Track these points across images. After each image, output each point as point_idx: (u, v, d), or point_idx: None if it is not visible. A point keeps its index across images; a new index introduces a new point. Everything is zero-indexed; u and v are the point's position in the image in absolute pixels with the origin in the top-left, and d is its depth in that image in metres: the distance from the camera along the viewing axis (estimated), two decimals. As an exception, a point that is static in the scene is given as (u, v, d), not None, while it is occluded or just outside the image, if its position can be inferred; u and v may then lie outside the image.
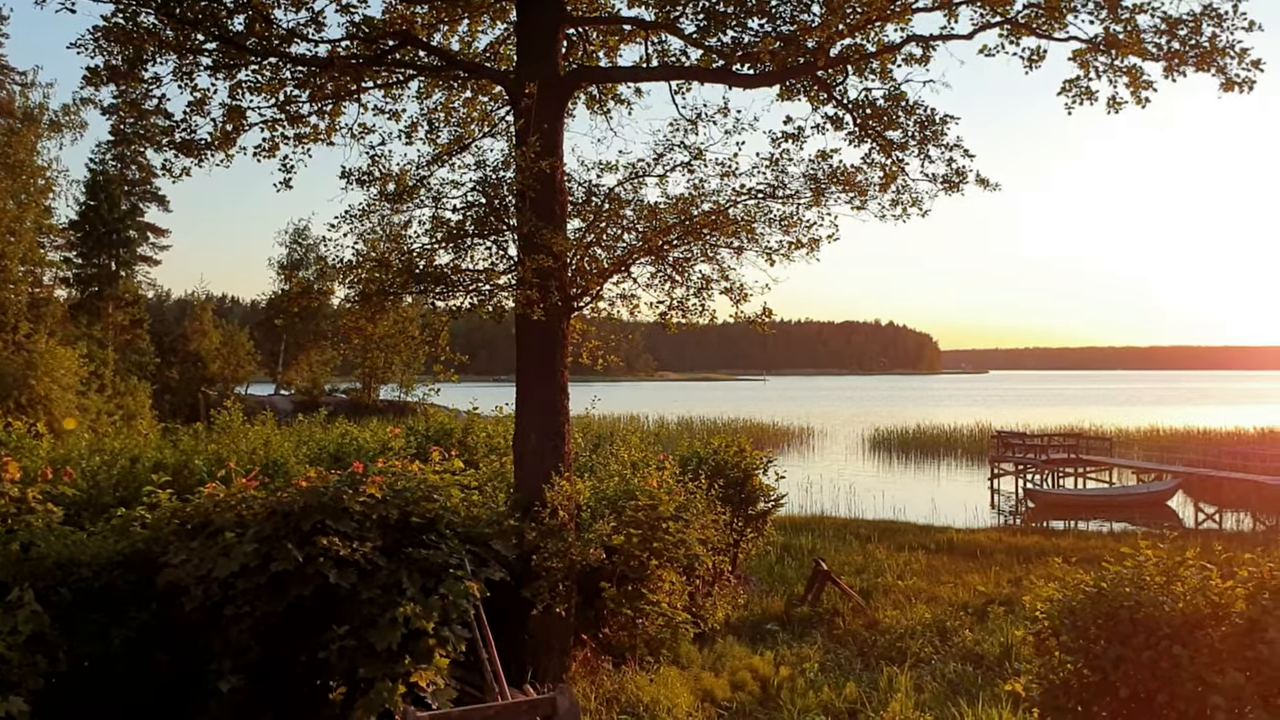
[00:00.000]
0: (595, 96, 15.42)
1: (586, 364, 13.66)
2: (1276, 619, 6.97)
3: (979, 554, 22.68)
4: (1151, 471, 41.73)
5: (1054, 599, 7.75)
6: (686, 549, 12.54)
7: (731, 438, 18.51)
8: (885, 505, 34.49)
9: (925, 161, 13.95)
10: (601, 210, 12.79)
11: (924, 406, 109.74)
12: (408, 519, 10.20)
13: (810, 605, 16.26)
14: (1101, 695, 7.24)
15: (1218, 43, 12.31)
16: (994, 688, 11.56)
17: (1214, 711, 6.72)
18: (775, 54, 12.24)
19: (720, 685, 12.07)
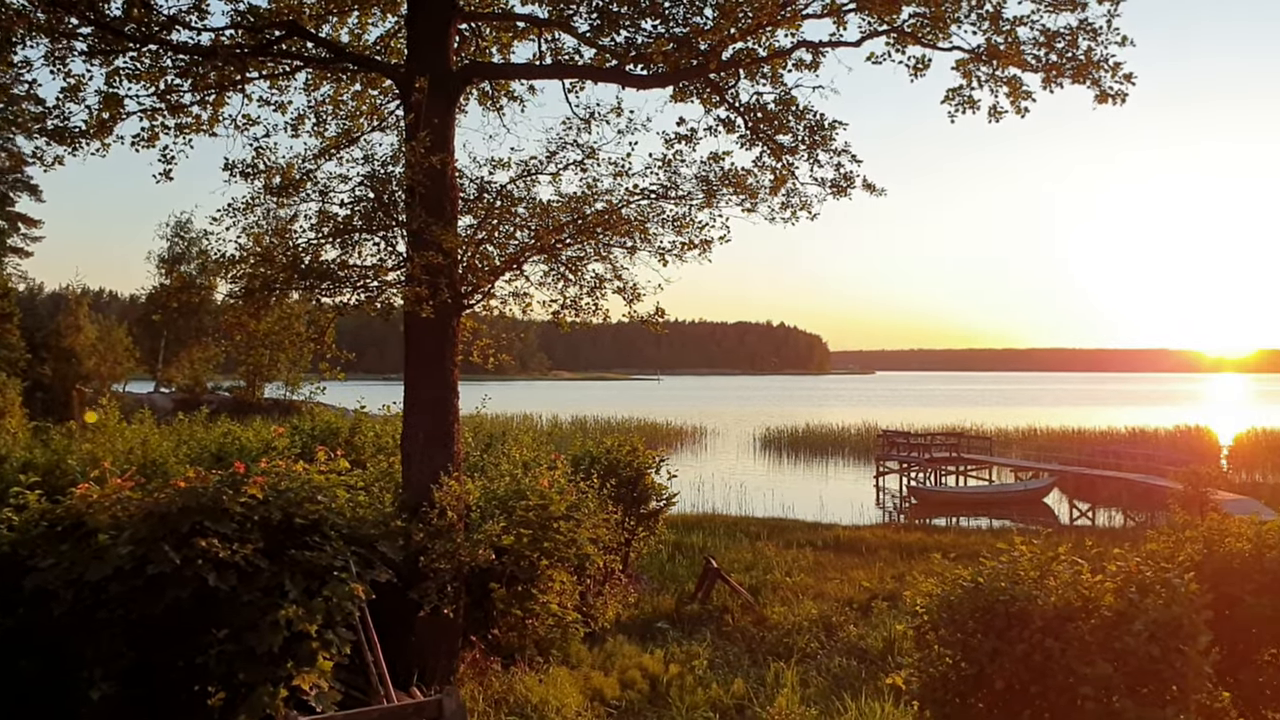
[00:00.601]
0: (488, 92, 15.31)
1: (478, 363, 13.54)
2: (1143, 611, 7.27)
3: (864, 550, 23.16)
4: (1029, 470, 43.14)
5: (933, 594, 7.93)
6: (577, 549, 12.53)
7: (624, 437, 18.57)
8: (775, 503, 34.95)
9: (814, 166, 14.18)
10: (493, 207, 12.68)
11: (813, 406, 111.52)
12: (291, 520, 9.99)
13: (700, 603, 16.41)
14: (978, 687, 7.44)
15: (1093, 56, 12.79)
16: (877, 681, 11.81)
17: (1084, 701, 6.97)
18: (668, 55, 12.32)
19: (610, 684, 12.09)
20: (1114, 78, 12.75)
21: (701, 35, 12.47)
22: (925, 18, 12.72)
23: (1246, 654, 8.80)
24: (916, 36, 12.96)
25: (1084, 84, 12.90)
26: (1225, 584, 8.66)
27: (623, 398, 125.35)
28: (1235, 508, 25.71)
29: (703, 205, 13.13)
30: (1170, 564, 8.25)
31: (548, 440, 21.72)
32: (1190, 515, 10.38)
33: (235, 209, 11.97)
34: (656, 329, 13.60)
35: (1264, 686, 8.84)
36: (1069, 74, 12.82)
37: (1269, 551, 8.88)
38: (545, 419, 65.38)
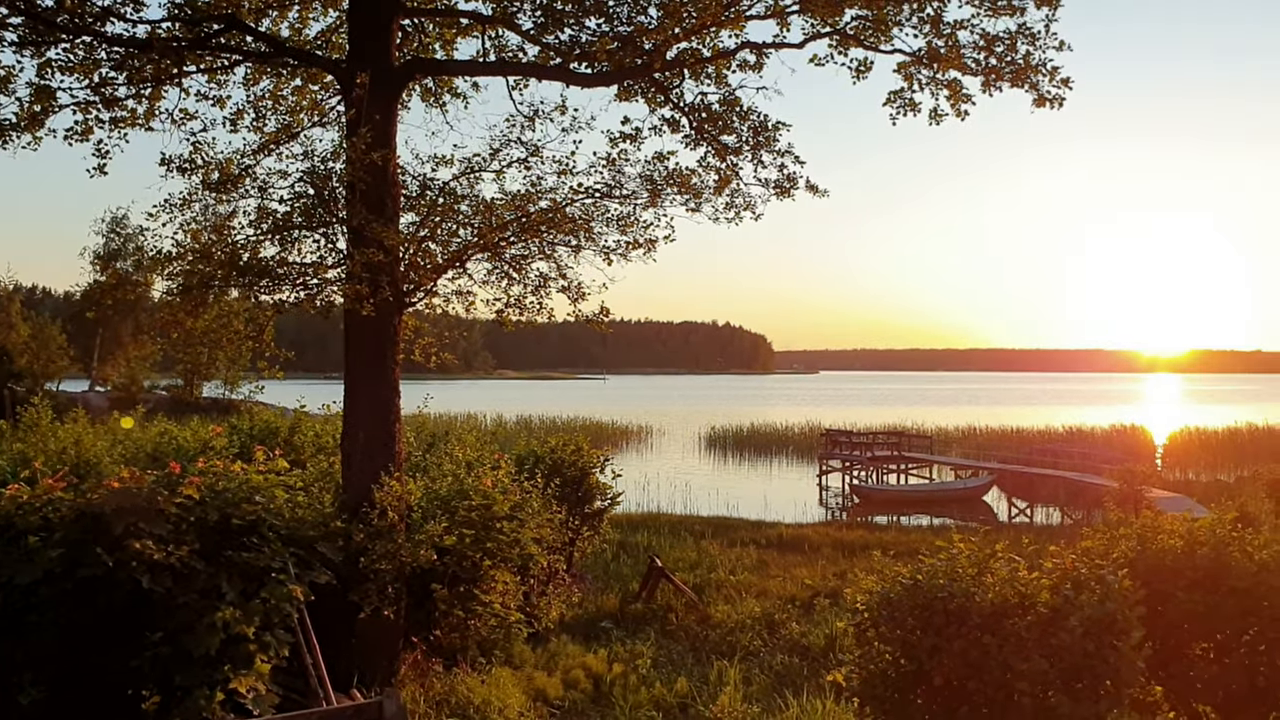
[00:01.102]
0: (431, 89, 15.16)
1: (420, 361, 13.41)
2: (1078, 608, 7.39)
3: (807, 548, 23.35)
4: (968, 469, 43.78)
5: (873, 591, 8.00)
6: (521, 549, 12.47)
7: (569, 436, 18.53)
8: (719, 502, 35.12)
9: (758, 166, 14.20)
10: (436, 204, 12.57)
11: (758, 405, 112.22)
12: (228, 521, 9.85)
13: (644, 602, 16.41)
14: (917, 684, 7.52)
15: (1031, 60, 12.95)
16: (819, 678, 11.90)
17: (1020, 697, 7.07)
18: (612, 54, 12.30)
19: (553, 684, 12.06)
20: (1052, 81, 12.93)
21: (646, 34, 12.46)
22: (867, 20, 12.81)
23: (1178, 648, 8.99)
24: (859, 39, 13.06)
25: (1023, 88, 13.06)
26: (1158, 580, 8.83)
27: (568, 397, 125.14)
28: (1169, 505, 26.25)
29: (647, 205, 13.11)
30: (1105, 561, 8.39)
31: (491, 440, 21.61)
32: (1125, 513, 10.56)
33: (172, 205, 11.73)
34: (601, 328, 13.56)
35: (1195, 680, 9.03)
36: (1008, 77, 12.98)
37: (1200, 548, 9.07)
38: (489, 418, 65.09)
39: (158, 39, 12.41)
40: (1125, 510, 20.00)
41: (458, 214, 12.41)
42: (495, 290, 12.99)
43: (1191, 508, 26.30)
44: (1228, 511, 10.04)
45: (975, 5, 12.57)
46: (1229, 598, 8.79)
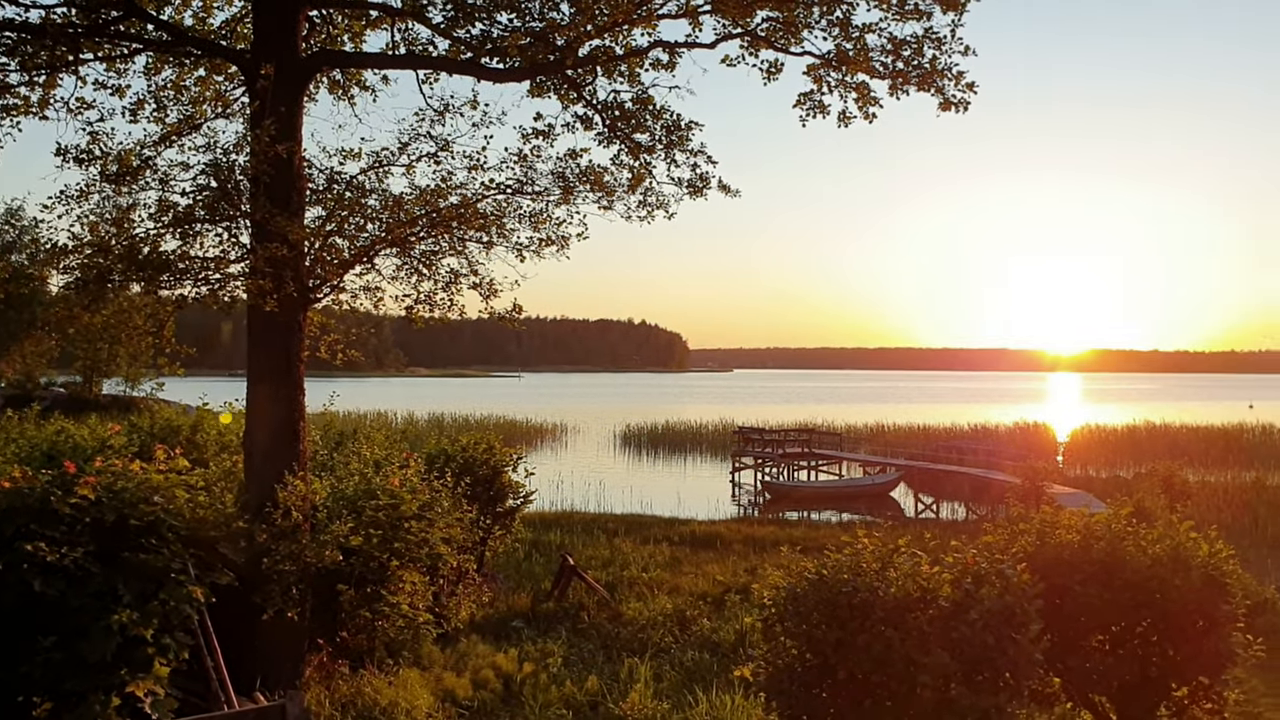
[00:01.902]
0: (339, 81, 14.89)
1: (326, 358, 13.18)
2: (978, 601, 7.54)
3: (719, 545, 23.51)
4: (877, 465, 44.50)
5: (780, 587, 8.07)
6: (430, 548, 12.34)
7: (481, 435, 18.39)
8: (634, 500, 35.17)
9: (672, 165, 14.23)
10: (343, 199, 12.36)
11: (673, 403, 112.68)
12: (125, 522, 9.57)
13: (557, 600, 16.36)
14: (823, 678, 7.60)
15: (938, 65, 13.16)
16: (728, 674, 11.97)
17: (922, 690, 7.19)
18: (524, 50, 12.21)
19: (462, 684, 11.96)
20: (957, 86, 13.15)
21: (558, 31, 12.39)
22: (778, 22, 12.90)
23: (1075, 640, 9.23)
24: (769, 40, 13.14)
25: (929, 91, 13.26)
26: (1056, 574, 9.06)
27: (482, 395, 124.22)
28: (1069, 501, 27.01)
29: (560, 201, 13.07)
30: (1005, 555, 8.59)
31: (402, 439, 21.35)
32: (1026, 509, 10.81)
33: (69, 196, 11.38)
34: (514, 326, 13.48)
35: (1091, 671, 9.29)
36: (915, 81, 13.17)
37: (1096, 543, 9.34)
38: (400, 416, 64.33)
39: (52, 24, 12.01)
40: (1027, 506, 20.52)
41: (365, 209, 12.23)
42: (405, 286, 12.85)
43: (1091, 503, 27.12)
44: (1123, 507, 10.34)
45: (883, 9, 12.73)
46: (1123, 591, 9.07)
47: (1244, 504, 29.68)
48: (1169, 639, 9.14)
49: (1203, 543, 9.54)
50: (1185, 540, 9.42)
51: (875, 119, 13.77)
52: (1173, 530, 9.68)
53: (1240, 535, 25.60)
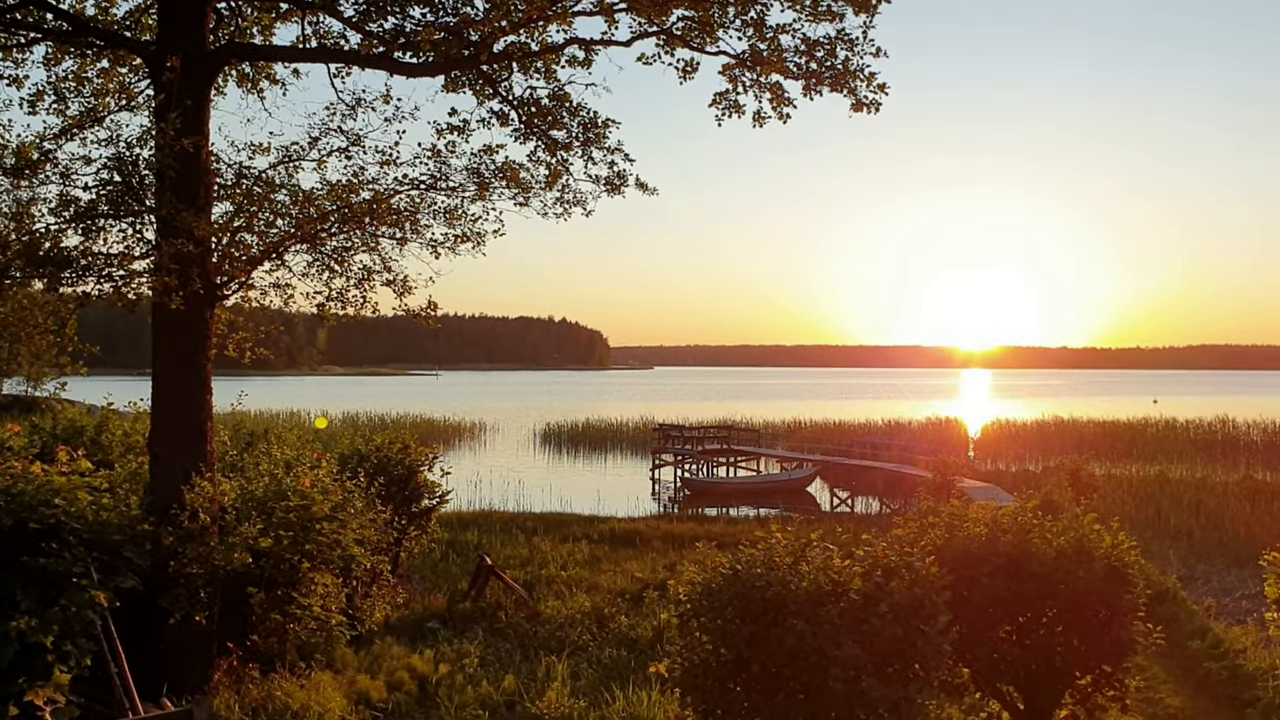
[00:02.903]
0: (248, 74, 14.57)
1: (234, 356, 12.91)
2: (888, 594, 7.65)
3: (639, 542, 23.54)
4: (794, 461, 44.98)
5: (695, 582, 8.10)
6: (342, 550, 12.15)
7: (396, 434, 18.17)
8: (553, 498, 35.06)
9: (589, 163, 14.20)
10: (252, 194, 12.13)
11: (593, 401, 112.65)
12: (24, 525, 9.34)
13: (474, 601, 16.24)
14: (737, 672, 7.64)
15: (850, 66, 13.32)
16: (646, 670, 11.98)
17: (834, 682, 7.26)
18: (437, 45, 12.07)
19: (377, 686, 11.81)
20: (869, 87, 13.32)
21: (472, 26, 12.28)
22: (693, 21, 12.95)
23: (984, 631, 9.42)
24: (685, 40, 13.18)
25: (842, 92, 13.41)
26: (964, 566, 9.24)
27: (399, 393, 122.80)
28: (980, 494, 27.61)
29: (475, 198, 12.97)
30: (914, 548, 8.72)
31: (314, 438, 21.00)
32: (936, 502, 11.02)
33: (-38, 190, 10.98)
34: (429, 323, 13.36)
35: (999, 662, 9.49)
36: (828, 82, 13.31)
37: (1003, 535, 9.55)
38: (314, 416, 63.26)
39: (-58, 11, 11.56)
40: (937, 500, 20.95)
41: (275, 204, 12.01)
42: (316, 283, 12.66)
43: (1000, 497, 27.75)
44: (1030, 500, 10.59)
45: (797, 10, 12.85)
46: (1029, 582, 9.28)
47: (1147, 496, 30.57)
48: (1073, 629, 9.38)
49: (1105, 535, 9.82)
50: (1089, 532, 9.68)
51: (790, 119, 13.91)
52: (1077, 523, 9.94)
53: (1144, 527, 26.40)
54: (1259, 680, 12.18)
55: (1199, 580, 20.90)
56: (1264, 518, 26.31)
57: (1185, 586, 18.52)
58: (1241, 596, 19.07)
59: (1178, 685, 12.81)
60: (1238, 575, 21.08)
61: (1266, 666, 12.57)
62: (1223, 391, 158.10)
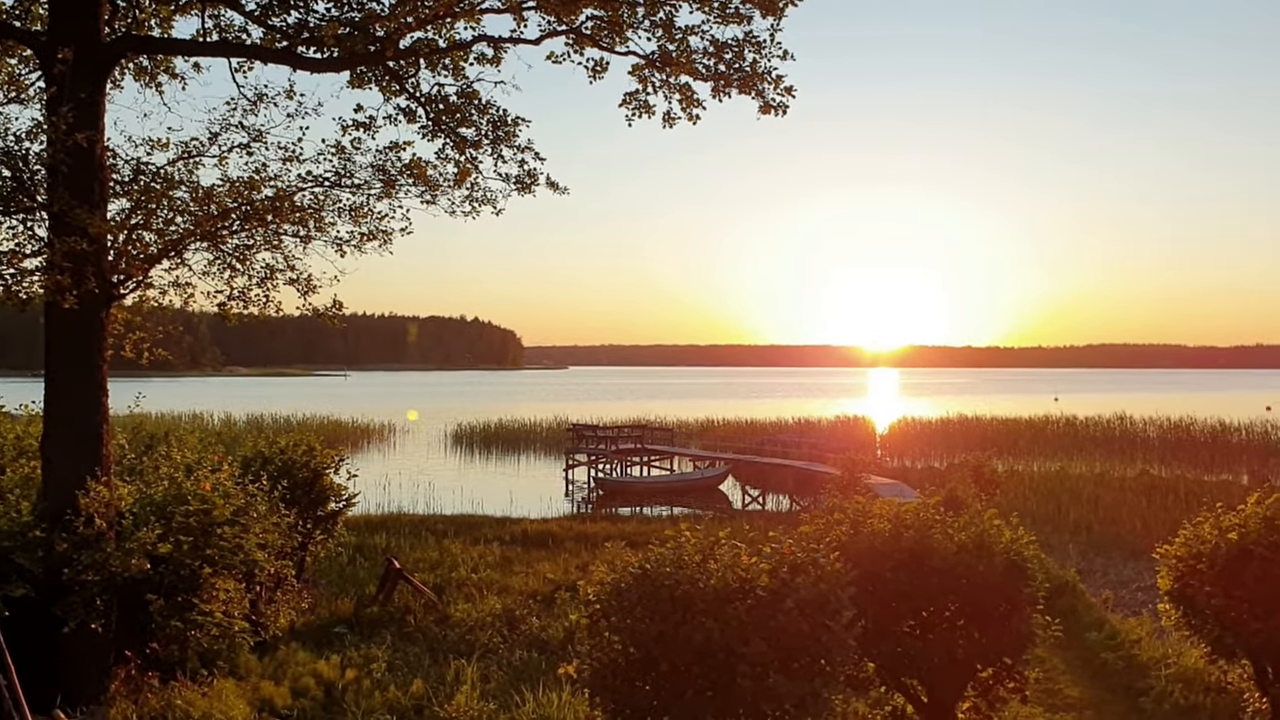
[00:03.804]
0: (145, 68, 14.16)
1: (130, 357, 12.55)
2: (794, 590, 7.75)
3: (551, 543, 23.46)
4: (706, 459, 45.31)
5: (605, 582, 8.11)
6: (245, 555, 11.91)
7: (300, 436, 17.85)
8: (464, 500, 34.77)
9: (499, 161, 14.12)
10: (150, 190, 11.81)
11: (506, 401, 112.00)
12: (-95, 534, 8.90)
13: (382, 605, 16.03)
14: (646, 671, 7.67)
15: (758, 68, 13.45)
16: (557, 672, 11.95)
17: (742, 679, 7.33)
18: (342, 40, 11.88)
19: (281, 693, 11.60)
20: (776, 90, 13.46)
21: (378, 22, 12.11)
22: (603, 21, 12.95)
23: (888, 625, 9.60)
24: (594, 39, 13.17)
25: (750, 94, 13.53)
26: (868, 562, 9.40)
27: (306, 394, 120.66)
28: (886, 491, 28.07)
29: (381, 195, 12.81)
30: (820, 545, 8.86)
31: (217, 441, 20.53)
32: (844, 499, 11.18)
33: None
34: (334, 323, 13.17)
35: (903, 656, 9.68)
36: (736, 84, 13.42)
37: (906, 531, 9.73)
38: (218, 418, 61.86)
39: None
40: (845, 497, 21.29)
41: (173, 201, 11.71)
42: (217, 282, 12.38)
43: (906, 493, 28.30)
44: (933, 496, 10.83)
45: (705, 12, 12.93)
46: (931, 577, 9.48)
47: (1048, 492, 31.43)
48: (974, 622, 9.61)
49: (1005, 530, 10.08)
50: (989, 527, 9.92)
51: (699, 120, 13.99)
52: (977, 518, 10.18)
53: (1044, 522, 27.14)
54: (1152, 670, 12.61)
55: (1097, 573, 21.56)
56: (1159, 512, 27.22)
57: (1084, 579, 19.08)
58: (1137, 589, 19.71)
59: (1076, 676, 13.18)
60: (1134, 568, 21.79)
61: (1160, 656, 13.02)
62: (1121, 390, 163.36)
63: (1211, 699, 11.46)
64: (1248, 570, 10.28)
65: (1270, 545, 10.31)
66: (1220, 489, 28.45)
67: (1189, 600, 11.07)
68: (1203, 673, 11.99)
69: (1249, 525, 10.65)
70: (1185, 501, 26.85)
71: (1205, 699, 11.50)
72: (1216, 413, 66.60)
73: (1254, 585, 10.19)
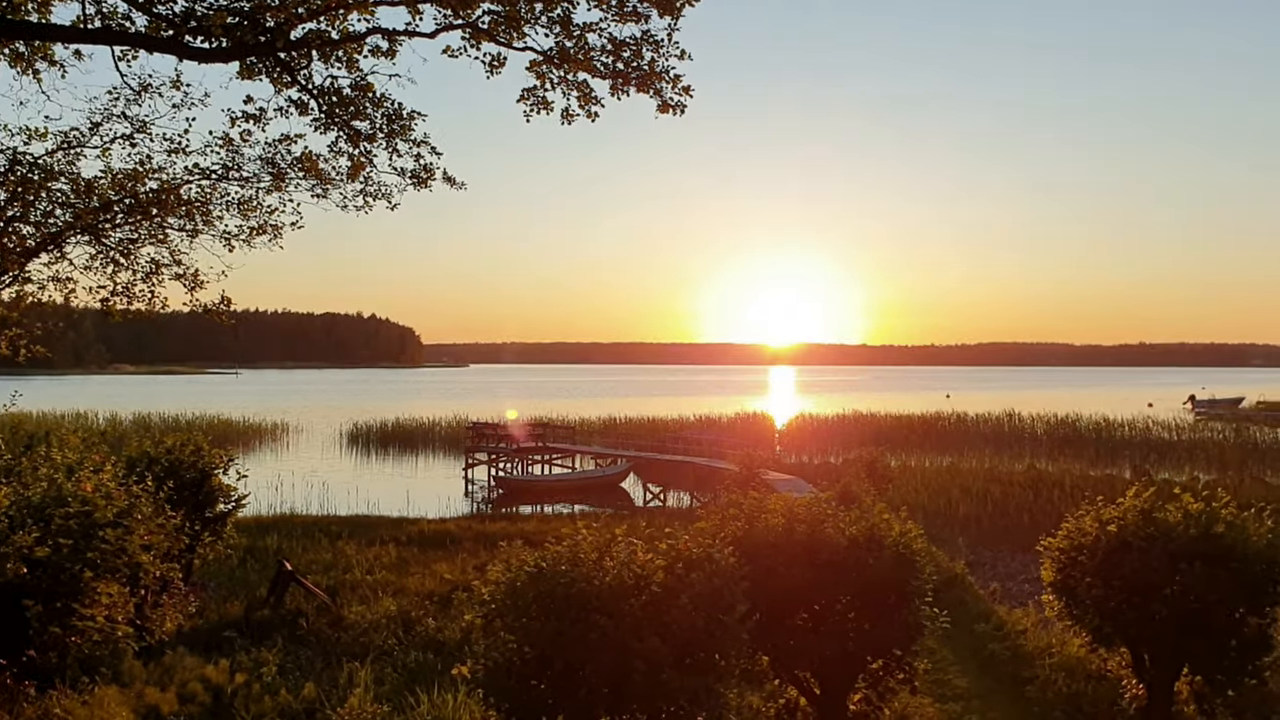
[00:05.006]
0: (23, 54, 13.60)
1: (6, 354, 12.08)
2: (689, 586, 7.80)
3: (449, 543, 23.25)
4: (608, 457, 45.40)
5: (500, 581, 8.06)
6: (129, 558, 11.53)
7: (188, 436, 17.37)
8: (360, 501, 34.24)
9: (394, 155, 13.93)
10: (28, 181, 11.38)
11: (405, 400, 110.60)
12: None
13: (273, 608, 15.70)
14: (541, 670, 7.64)
15: (656, 67, 13.50)
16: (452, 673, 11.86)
17: (636, 675, 7.36)
18: (230, 30, 11.58)
19: (167, 699, 11.28)
20: (674, 89, 13.52)
21: (268, 12, 11.83)
22: (500, 15, 12.85)
23: (781, 619, 9.73)
24: (491, 34, 13.07)
25: (648, 93, 13.58)
26: (763, 556, 9.52)
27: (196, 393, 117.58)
28: (784, 486, 28.48)
29: (271, 189, 12.55)
30: (715, 540, 8.93)
31: (101, 441, 19.84)
32: (741, 495, 11.29)
33: None
34: (223, 320, 12.85)
35: (796, 649, 9.83)
36: (635, 82, 13.44)
37: (799, 525, 9.88)
38: (103, 417, 59.86)
39: None
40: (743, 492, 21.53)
41: (53, 192, 11.31)
42: (100, 277, 12.00)
43: (802, 488, 28.72)
44: (827, 491, 11.01)
45: (603, 9, 12.92)
46: (824, 570, 9.65)
47: (939, 487, 32.19)
48: (865, 614, 9.80)
49: (895, 523, 10.31)
50: (879, 521, 10.13)
51: (598, 118, 13.99)
52: (868, 512, 10.39)
53: (935, 515, 27.83)
54: (1037, 659, 13.01)
55: (985, 566, 22.18)
56: (1045, 506, 28.09)
57: (973, 572, 19.63)
58: (1024, 580, 20.32)
59: (965, 666, 13.51)
60: (1021, 560, 22.46)
61: (1044, 646, 13.44)
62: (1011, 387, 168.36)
63: (1092, 686, 11.87)
64: (1125, 561, 10.66)
65: (1147, 537, 10.71)
66: (1104, 483, 29.47)
67: (1070, 591, 11.43)
68: (1084, 661, 12.41)
69: (1127, 518, 11.05)
70: (1070, 495, 27.74)
71: (1086, 686, 11.90)
72: (1101, 409, 69.28)
73: (1131, 576, 10.56)
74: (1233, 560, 10.34)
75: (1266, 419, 71.03)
